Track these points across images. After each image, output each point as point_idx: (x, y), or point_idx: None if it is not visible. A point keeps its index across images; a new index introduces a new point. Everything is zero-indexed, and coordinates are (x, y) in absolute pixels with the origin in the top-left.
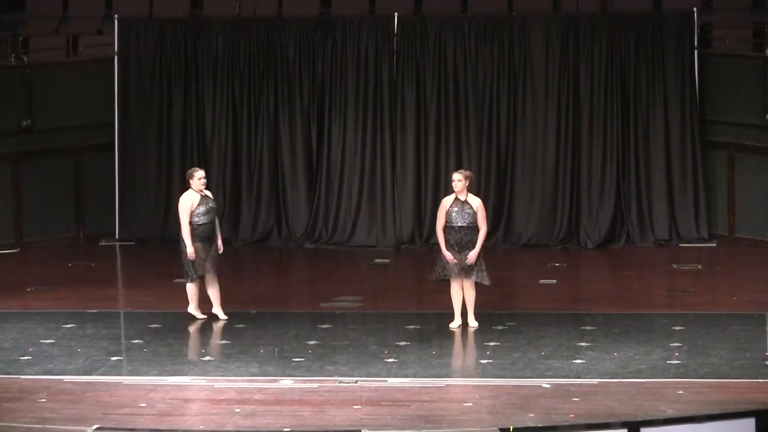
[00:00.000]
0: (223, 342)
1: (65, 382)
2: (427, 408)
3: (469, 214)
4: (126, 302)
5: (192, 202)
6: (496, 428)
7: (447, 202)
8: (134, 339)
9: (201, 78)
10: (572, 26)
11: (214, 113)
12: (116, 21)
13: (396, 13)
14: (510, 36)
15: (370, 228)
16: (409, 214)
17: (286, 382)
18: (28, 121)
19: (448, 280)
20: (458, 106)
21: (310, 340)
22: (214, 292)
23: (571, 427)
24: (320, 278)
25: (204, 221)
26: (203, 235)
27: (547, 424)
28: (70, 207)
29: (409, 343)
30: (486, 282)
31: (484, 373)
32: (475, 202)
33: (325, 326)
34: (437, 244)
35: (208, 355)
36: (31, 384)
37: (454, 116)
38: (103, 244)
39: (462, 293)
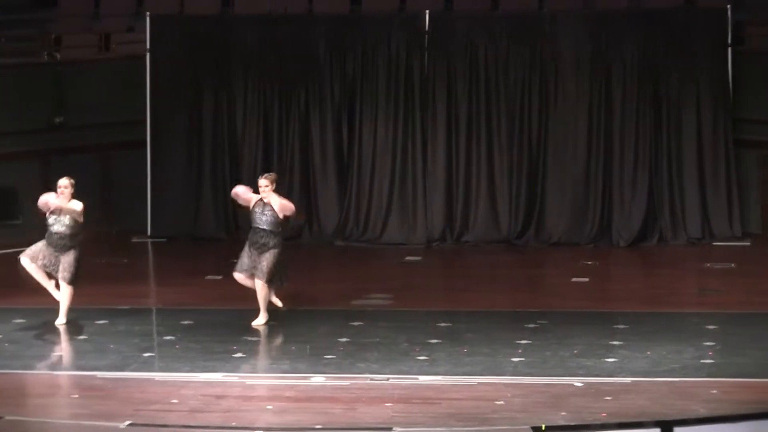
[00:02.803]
0: (255, 339)
1: (97, 378)
2: (457, 406)
3: (267, 215)
4: (158, 299)
5: (48, 200)
6: (528, 427)
7: (254, 200)
8: (166, 335)
9: (232, 75)
10: (603, 24)
11: (245, 111)
12: (147, 18)
13: (427, 11)
14: (541, 34)
15: (401, 226)
16: (439, 211)
17: (318, 380)
18: (61, 117)
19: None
20: (489, 103)
21: (341, 338)
22: (62, 298)
23: (603, 426)
24: (351, 276)
25: (51, 230)
26: (48, 241)
27: (579, 423)
28: (102, 204)
29: (440, 341)
30: (281, 283)
31: (515, 371)
32: (275, 201)
33: (356, 323)
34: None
35: (239, 352)
36: (63, 380)
37: (485, 114)
38: (135, 240)
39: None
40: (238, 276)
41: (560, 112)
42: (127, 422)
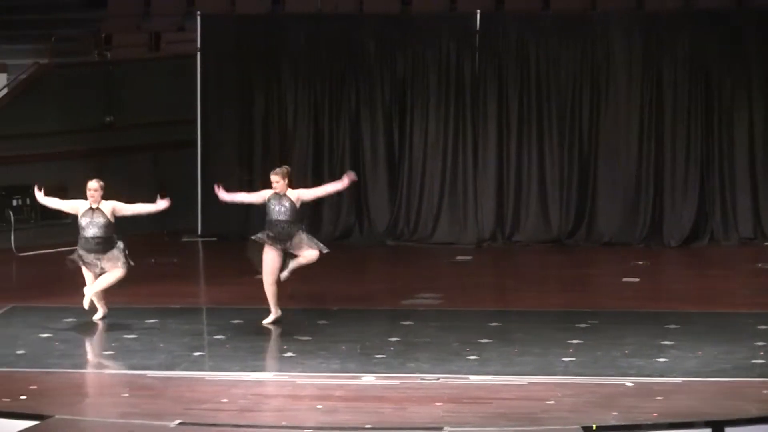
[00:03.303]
0: (305, 338)
1: (147, 377)
2: (508, 406)
3: (285, 206)
4: (208, 298)
5: (79, 207)
6: (578, 426)
7: (267, 193)
8: (216, 335)
9: (282, 75)
10: (654, 23)
11: (296, 110)
12: (198, 17)
13: (478, 11)
14: (592, 33)
15: (452, 225)
16: (490, 211)
17: (368, 379)
18: (111, 117)
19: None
20: (540, 103)
21: (391, 337)
22: (105, 279)
23: (654, 426)
24: (401, 275)
25: (85, 235)
26: (85, 247)
27: (630, 423)
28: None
29: (490, 341)
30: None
31: (566, 371)
32: (293, 194)
33: (406, 323)
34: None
35: (289, 352)
36: (113, 379)
37: (536, 114)
38: (185, 239)
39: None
40: (270, 278)
41: (611, 111)
42: (177, 421)
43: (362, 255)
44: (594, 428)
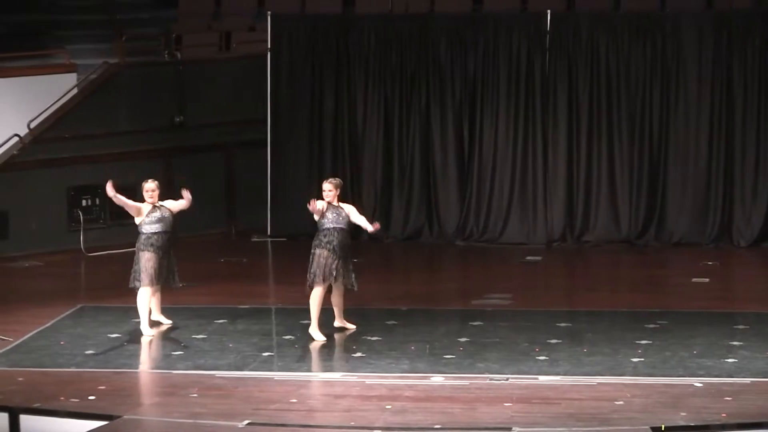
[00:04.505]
0: (374, 338)
1: (216, 377)
2: (577, 406)
3: (342, 215)
4: (277, 298)
5: (142, 209)
6: (647, 427)
7: (323, 205)
8: (285, 335)
9: (353, 74)
10: (725, 23)
11: (366, 109)
12: (269, 17)
13: (549, 10)
14: (662, 33)
15: (521, 225)
16: (560, 211)
17: (437, 379)
18: (181, 117)
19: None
20: (610, 103)
21: (460, 337)
22: (155, 299)
23: (723, 426)
24: (471, 275)
25: (155, 230)
26: (157, 244)
27: (699, 423)
28: (222, 203)
29: (560, 341)
30: (354, 288)
31: (635, 371)
32: (347, 206)
33: (475, 323)
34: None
35: (358, 352)
36: (182, 379)
37: (606, 113)
38: (254, 239)
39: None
40: (326, 285)
41: (681, 111)
42: (246, 421)
43: (431, 255)
44: (663, 429)
